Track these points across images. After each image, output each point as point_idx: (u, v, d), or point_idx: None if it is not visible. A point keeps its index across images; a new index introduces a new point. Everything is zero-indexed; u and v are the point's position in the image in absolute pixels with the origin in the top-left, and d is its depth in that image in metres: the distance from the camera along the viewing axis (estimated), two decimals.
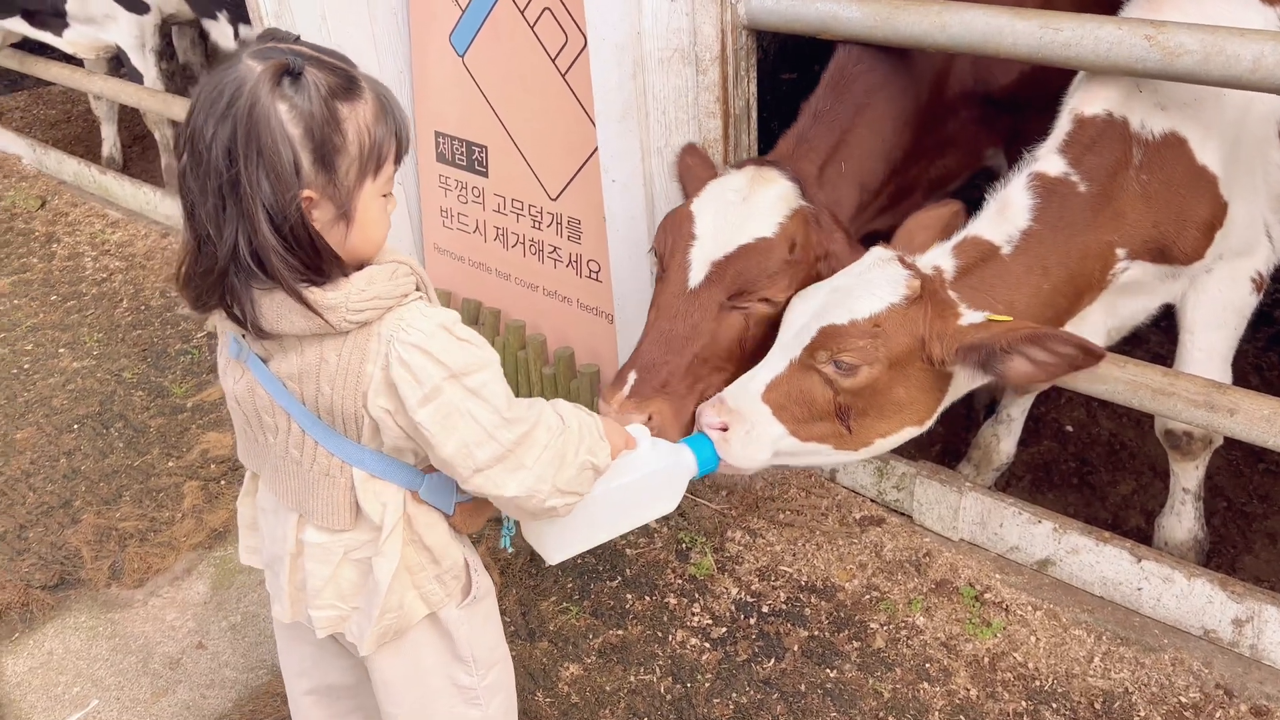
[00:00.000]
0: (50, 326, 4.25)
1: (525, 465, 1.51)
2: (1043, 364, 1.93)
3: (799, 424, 2.04)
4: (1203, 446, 2.54)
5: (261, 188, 1.35)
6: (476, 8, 3.21)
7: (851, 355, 1.99)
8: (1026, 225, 2.12)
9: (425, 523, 1.63)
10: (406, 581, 1.63)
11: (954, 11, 2.09)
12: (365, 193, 1.46)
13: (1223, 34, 1.81)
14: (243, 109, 1.34)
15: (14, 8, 4.64)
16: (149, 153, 5.87)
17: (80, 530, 3.12)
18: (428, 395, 1.44)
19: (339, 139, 1.40)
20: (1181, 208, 2.19)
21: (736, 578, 2.74)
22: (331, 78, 1.41)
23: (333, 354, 1.47)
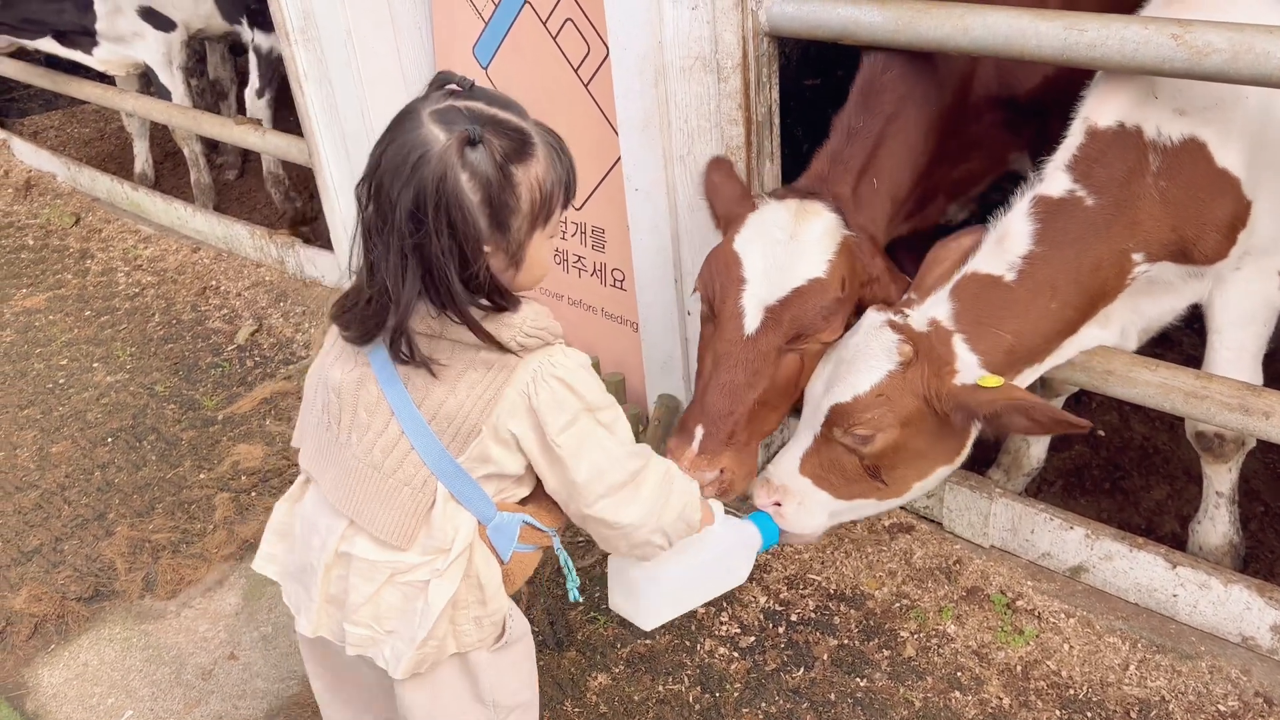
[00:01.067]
0: (84, 341, 4.32)
1: (641, 497, 1.64)
2: (1032, 425, 1.99)
3: (838, 488, 2.17)
4: (1235, 449, 2.49)
5: (451, 255, 1.48)
6: (499, 20, 3.23)
7: (864, 428, 2.08)
8: (1028, 250, 2.11)
9: (485, 560, 1.66)
10: (447, 615, 1.63)
11: (977, 14, 2.07)
12: (535, 241, 1.58)
13: (1251, 32, 1.79)
14: (429, 179, 1.45)
15: (45, 28, 4.72)
16: (180, 169, 5.95)
17: (114, 542, 3.16)
18: (569, 423, 1.57)
19: (513, 201, 1.51)
20: (1202, 211, 2.16)
21: (765, 586, 2.73)
22: (507, 142, 1.50)
23: (484, 366, 1.57)
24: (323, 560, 1.66)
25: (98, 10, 4.64)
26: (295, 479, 3.42)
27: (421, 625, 1.61)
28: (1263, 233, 2.25)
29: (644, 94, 2.63)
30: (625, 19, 2.56)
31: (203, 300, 4.50)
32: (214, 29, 5.02)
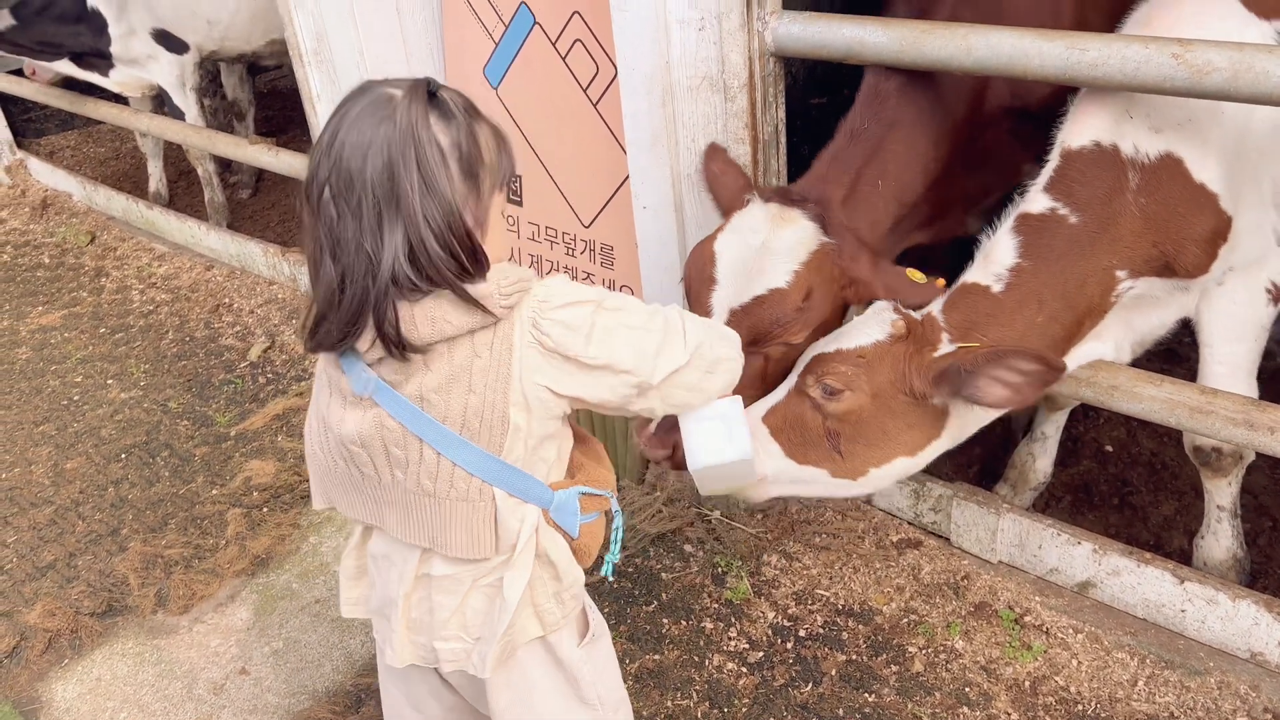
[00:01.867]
0: (99, 358, 4.36)
1: (685, 330, 1.65)
2: (1012, 384, 1.96)
3: (794, 446, 2.15)
4: (1234, 463, 2.50)
5: (427, 198, 1.42)
6: (509, 41, 3.27)
7: (835, 379, 2.09)
8: (1014, 262, 2.15)
9: (550, 538, 1.66)
10: (525, 597, 1.65)
11: (980, 34, 2.10)
12: (495, 204, 1.54)
13: (1251, 51, 1.81)
14: (394, 122, 1.41)
15: (62, 51, 4.79)
16: (194, 187, 6.01)
17: (128, 558, 3.19)
18: (588, 334, 1.55)
19: (478, 151, 1.48)
20: (1182, 226, 2.19)
21: (773, 601, 2.74)
22: (460, 97, 1.50)
23: (484, 348, 1.52)
24: (402, 590, 1.67)
25: (112, 33, 4.71)
26: (306, 494, 3.47)
27: (501, 620, 1.63)
28: (1246, 247, 2.26)
29: (652, 113, 2.66)
30: (633, 40, 2.59)
31: (216, 318, 4.55)
32: (226, 52, 5.08)
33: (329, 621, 2.89)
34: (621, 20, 2.59)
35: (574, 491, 1.67)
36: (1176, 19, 2.18)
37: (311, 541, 3.21)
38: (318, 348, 1.56)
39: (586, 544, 1.72)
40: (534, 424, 1.58)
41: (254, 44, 5.12)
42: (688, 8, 2.43)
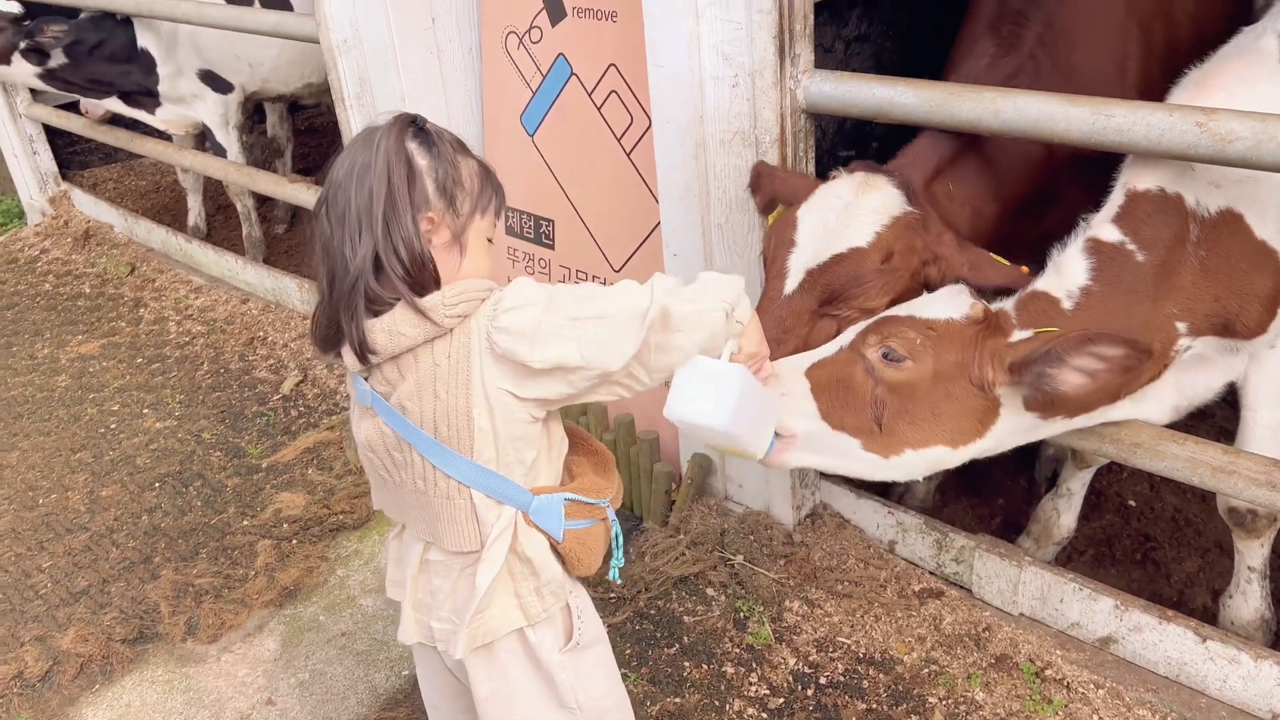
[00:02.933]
0: (136, 388, 4.46)
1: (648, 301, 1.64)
2: (1094, 371, 1.92)
3: (833, 408, 2.04)
4: (1268, 524, 2.51)
5: (391, 212, 1.59)
6: (546, 90, 3.37)
7: (901, 344, 2.01)
8: (1085, 283, 2.14)
9: (529, 536, 1.74)
10: (508, 588, 1.75)
11: (1008, 98, 2.16)
12: (475, 227, 1.68)
13: (1273, 121, 1.85)
14: (375, 146, 1.61)
15: (112, 89, 4.95)
16: (231, 221, 6.15)
17: (159, 586, 3.25)
18: (534, 337, 1.60)
19: (457, 175, 1.65)
20: (1243, 283, 2.20)
21: (794, 648, 2.75)
22: (449, 134, 1.70)
23: (443, 356, 1.63)
24: (409, 574, 1.85)
25: (160, 73, 4.87)
26: (335, 527, 3.53)
27: (470, 605, 1.74)
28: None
29: (685, 165, 2.73)
30: (668, 94, 2.67)
31: (250, 350, 4.64)
32: (267, 93, 5.23)
33: (355, 654, 2.93)
34: (658, 76, 2.67)
35: (558, 497, 1.75)
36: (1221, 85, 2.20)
37: (339, 574, 3.26)
38: (316, 345, 1.73)
39: (573, 549, 1.77)
40: (499, 426, 1.66)
41: (291, 86, 5.28)
42: (722, 65, 2.51)
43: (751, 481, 3.08)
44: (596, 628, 1.89)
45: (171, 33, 4.81)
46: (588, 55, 3.20)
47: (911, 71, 2.63)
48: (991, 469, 3.53)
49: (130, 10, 4.60)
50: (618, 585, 3.00)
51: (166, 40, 4.82)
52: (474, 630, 1.75)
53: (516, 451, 1.70)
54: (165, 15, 4.38)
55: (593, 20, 3.15)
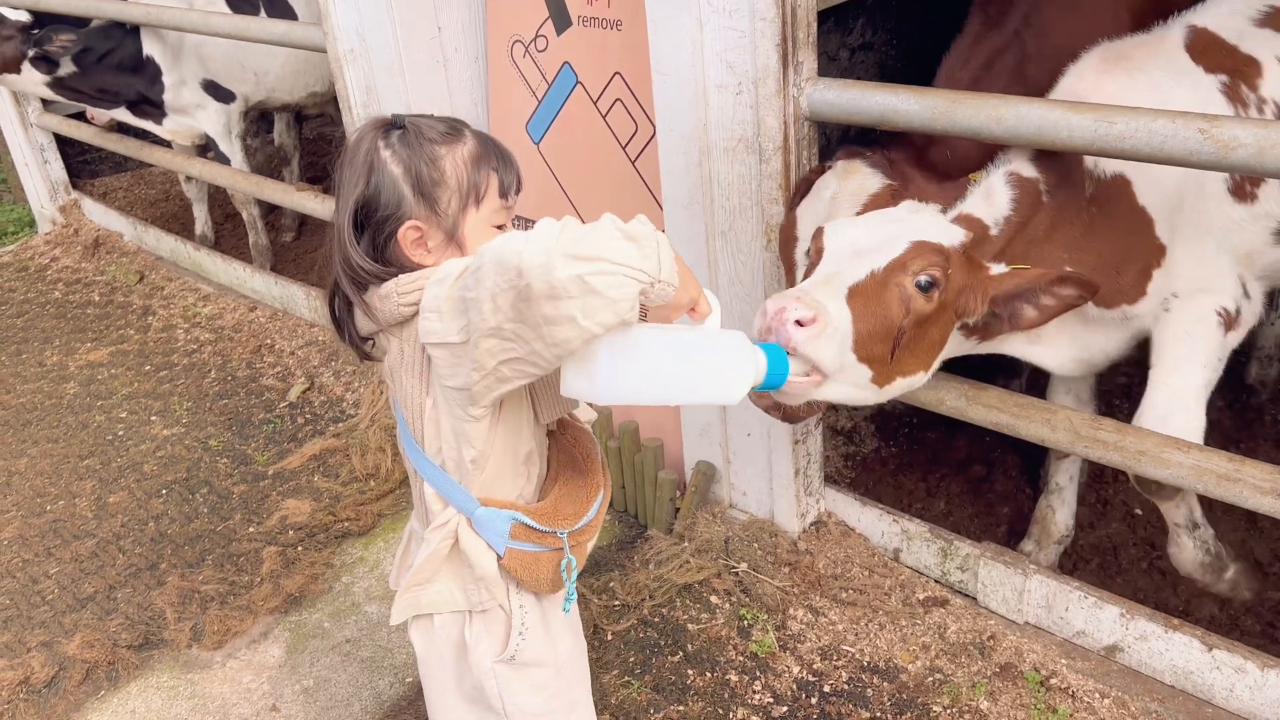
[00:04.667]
0: (144, 395, 4.48)
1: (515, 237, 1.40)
2: (1044, 307, 2.09)
3: (866, 340, 1.99)
4: (1174, 490, 2.55)
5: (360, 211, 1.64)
6: (552, 99, 3.38)
7: (939, 273, 2.02)
8: (1008, 214, 2.27)
9: (471, 540, 1.74)
10: (453, 572, 1.78)
11: (1010, 105, 2.16)
12: (470, 221, 1.67)
13: (1275, 128, 1.85)
14: (356, 155, 1.65)
15: (119, 99, 4.99)
16: (239, 230, 6.17)
17: (165, 592, 3.26)
18: (446, 323, 1.52)
19: (436, 174, 1.63)
20: (1121, 244, 2.32)
21: (798, 656, 2.75)
22: (431, 125, 1.68)
23: (409, 345, 1.67)
24: (400, 549, 1.98)
25: (165, 82, 4.90)
26: (340, 534, 3.53)
27: (404, 577, 1.81)
28: (1187, 276, 2.37)
29: (689, 172, 2.74)
30: (672, 102, 2.68)
31: (257, 358, 4.66)
32: (272, 102, 5.27)
33: (359, 661, 2.93)
34: (661, 83, 2.68)
35: (506, 515, 1.72)
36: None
37: (344, 581, 3.26)
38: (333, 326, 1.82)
39: (514, 569, 1.74)
40: (443, 418, 1.67)
41: (296, 95, 5.32)
42: (726, 73, 2.52)
43: (756, 489, 3.08)
44: (543, 650, 1.84)
45: (177, 42, 4.84)
46: (593, 63, 3.21)
47: (916, 80, 2.64)
48: (997, 478, 3.53)
49: (139, 19, 4.63)
50: (621, 593, 3.00)
51: (172, 50, 4.86)
52: (410, 598, 1.78)
53: (458, 447, 1.68)
54: (173, 25, 4.41)
55: (598, 29, 3.16)
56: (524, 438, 1.76)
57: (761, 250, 2.67)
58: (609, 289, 1.34)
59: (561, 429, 1.91)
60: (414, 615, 1.83)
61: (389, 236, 1.65)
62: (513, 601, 1.80)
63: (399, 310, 1.63)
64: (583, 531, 1.82)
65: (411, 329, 1.64)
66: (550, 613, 1.87)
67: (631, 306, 1.38)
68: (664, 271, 1.41)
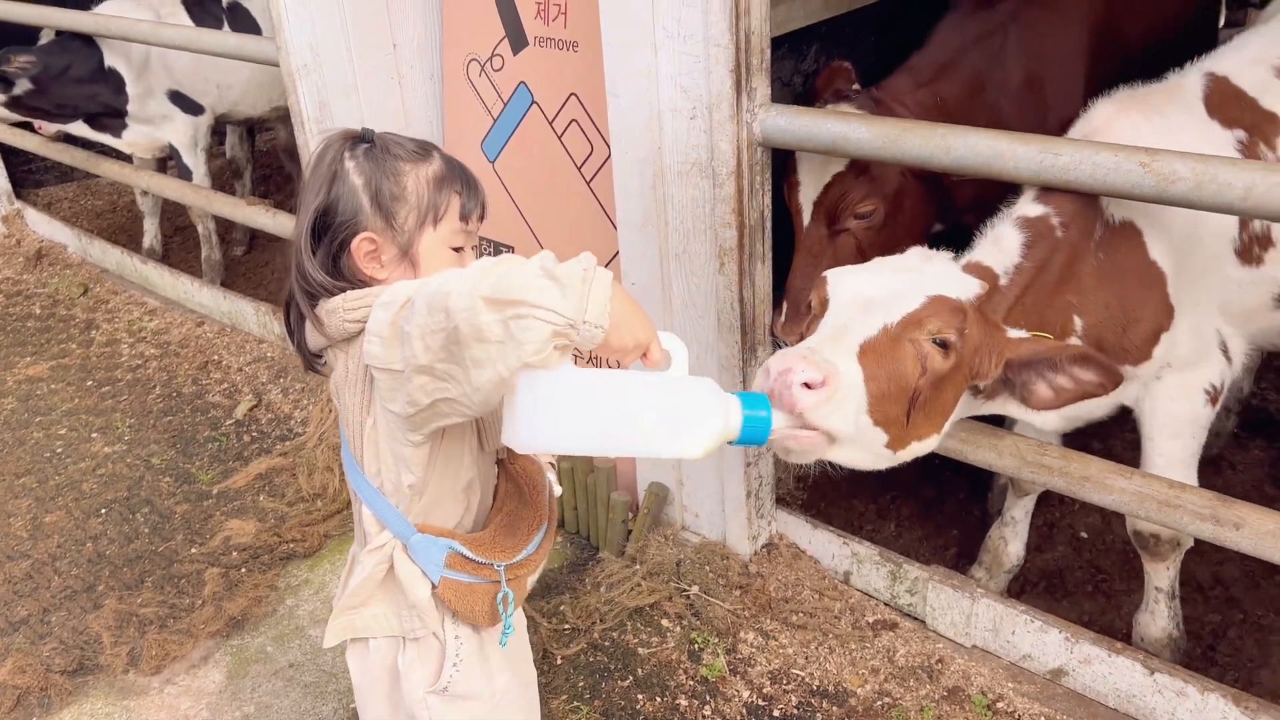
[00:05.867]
0: (85, 411, 4.37)
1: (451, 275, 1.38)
2: (1060, 389, 1.95)
3: (880, 401, 1.83)
4: (1171, 549, 2.56)
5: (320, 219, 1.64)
6: (507, 118, 3.37)
7: (954, 333, 1.87)
8: (1019, 260, 2.17)
9: (405, 567, 1.72)
10: (388, 597, 1.74)
11: (958, 135, 2.19)
12: (426, 240, 1.66)
13: (1214, 163, 1.90)
14: (321, 165, 1.66)
15: (78, 112, 4.89)
16: (187, 243, 6.09)
17: (102, 615, 3.17)
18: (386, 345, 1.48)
19: (397, 189, 1.62)
20: (1131, 298, 2.24)
21: (748, 680, 2.74)
22: (400, 143, 1.67)
23: (353, 362, 1.65)
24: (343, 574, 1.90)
25: (130, 93, 4.82)
26: (285, 556, 3.47)
27: (339, 597, 1.79)
28: (1186, 345, 2.35)
29: (643, 195, 2.74)
30: (627, 125, 2.68)
31: (204, 374, 4.57)
32: (235, 115, 5.20)
33: (302, 686, 2.87)
34: (616, 106, 2.68)
35: (443, 544, 1.69)
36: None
37: (288, 604, 3.20)
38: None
39: (448, 599, 1.71)
40: (382, 440, 1.65)
41: (260, 109, 5.27)
42: (680, 97, 2.53)
43: (708, 511, 3.07)
44: (479, 683, 1.80)
45: (143, 54, 4.77)
46: (549, 84, 3.21)
47: None
48: (946, 500, 3.56)
49: (89, 29, 4.55)
50: (571, 617, 2.98)
51: (138, 61, 4.78)
52: (344, 621, 1.75)
53: (396, 471, 1.66)
54: (122, 35, 4.34)
55: (554, 49, 3.16)
56: (465, 465, 1.74)
57: (715, 273, 2.67)
58: (520, 332, 1.30)
59: (512, 458, 1.88)
60: (350, 639, 1.80)
61: (342, 245, 1.65)
62: (448, 632, 1.76)
63: (344, 326, 1.62)
64: (522, 565, 1.79)
65: (357, 346, 1.62)
66: (488, 646, 1.83)
67: (538, 350, 1.32)
68: (590, 313, 1.35)
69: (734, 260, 2.62)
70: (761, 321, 2.75)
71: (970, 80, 3.05)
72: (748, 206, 2.58)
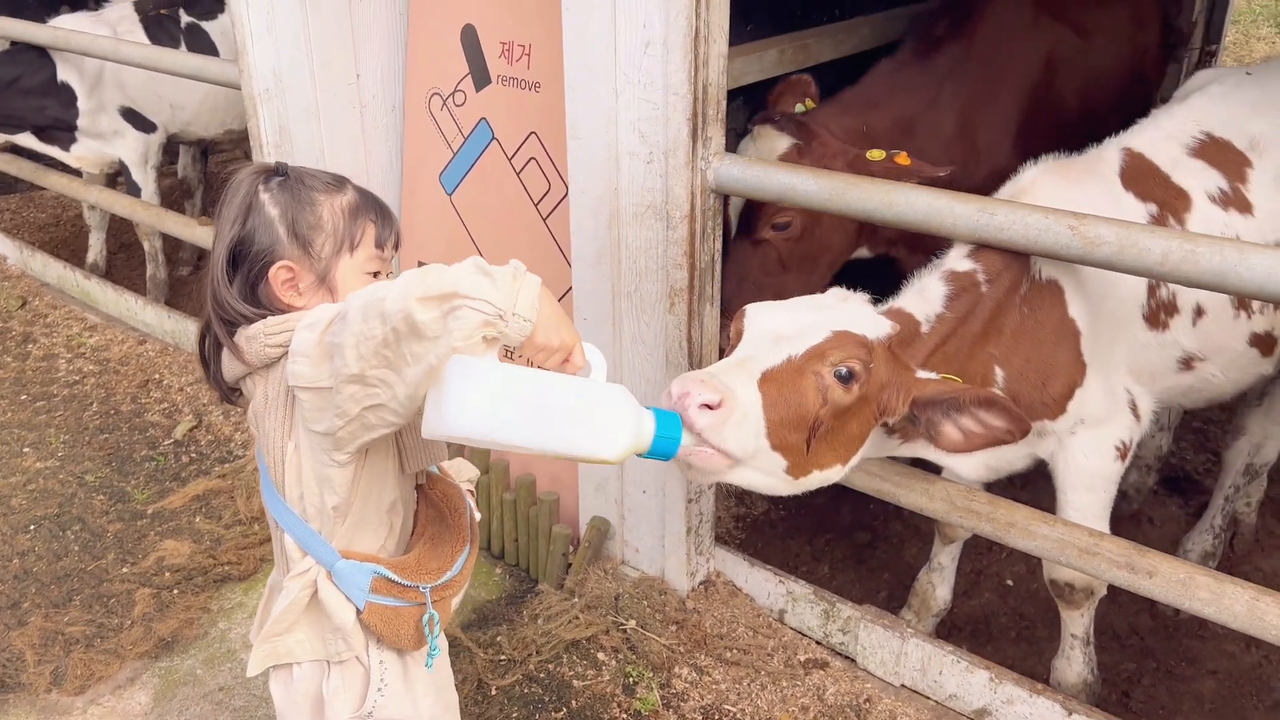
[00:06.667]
0: (17, 425, 4.28)
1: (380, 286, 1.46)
2: (969, 433, 2.04)
3: (778, 427, 1.94)
4: (1085, 597, 2.68)
5: (236, 249, 1.68)
6: (467, 152, 3.44)
7: (858, 365, 1.98)
8: (941, 310, 2.28)
9: (326, 590, 1.74)
10: (312, 621, 1.76)
11: (900, 191, 2.31)
12: (343, 266, 1.70)
13: (1135, 229, 2.03)
14: (236, 199, 1.70)
15: (25, 124, 4.85)
16: (131, 261, 6.01)
17: (26, 633, 3.10)
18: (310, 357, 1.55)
19: (313, 218, 1.67)
20: (1049, 353, 2.37)
21: (681, 714, 2.77)
22: (314, 175, 1.73)
23: (274, 387, 1.68)
24: (262, 602, 1.92)
25: (81, 107, 4.80)
26: (219, 578, 3.43)
27: (263, 625, 1.80)
28: (1096, 403, 2.47)
29: (598, 234, 2.82)
30: (585, 165, 2.76)
31: (144, 393, 4.51)
32: (186, 135, 5.19)
33: (231, 710, 2.84)
34: (576, 147, 2.77)
35: (368, 568, 1.73)
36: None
37: (221, 626, 3.16)
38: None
39: (374, 624, 1.74)
40: (305, 462, 1.68)
41: (212, 131, 5.27)
42: (638, 142, 2.62)
43: (648, 546, 3.12)
44: (403, 708, 1.82)
45: (96, 69, 4.75)
46: (510, 121, 3.29)
47: None
48: (879, 545, 3.65)
49: (47, 42, 4.53)
50: (508, 648, 2.99)
51: (90, 76, 4.76)
52: (268, 648, 1.76)
53: (320, 494, 1.69)
54: (82, 50, 4.33)
55: (516, 89, 3.24)
56: (389, 486, 1.78)
57: (665, 312, 2.75)
58: (453, 322, 1.38)
59: (431, 484, 1.93)
60: (273, 665, 1.80)
61: (260, 274, 1.69)
62: (372, 657, 1.79)
63: (265, 351, 1.65)
64: (447, 587, 1.83)
65: (276, 372, 1.67)
66: (413, 670, 1.86)
67: (467, 336, 1.38)
68: (519, 306, 1.43)
69: (684, 301, 2.70)
70: (710, 361, 2.83)
71: (899, 120, 3.24)
72: (699, 250, 2.66)
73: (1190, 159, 2.61)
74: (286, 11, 3.42)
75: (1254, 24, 11.16)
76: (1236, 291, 1.95)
